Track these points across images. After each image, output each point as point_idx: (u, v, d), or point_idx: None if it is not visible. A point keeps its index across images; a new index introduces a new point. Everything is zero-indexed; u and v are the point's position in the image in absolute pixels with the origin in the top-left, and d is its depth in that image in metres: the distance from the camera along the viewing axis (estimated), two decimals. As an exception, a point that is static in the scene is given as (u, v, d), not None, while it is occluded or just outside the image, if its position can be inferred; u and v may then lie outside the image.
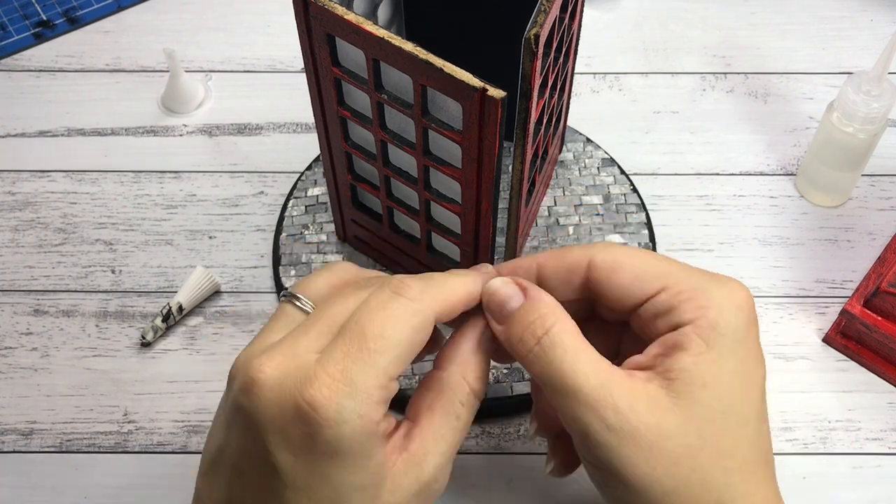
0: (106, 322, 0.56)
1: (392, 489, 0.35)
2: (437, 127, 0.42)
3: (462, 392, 0.37)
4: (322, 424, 0.33)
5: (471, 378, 0.38)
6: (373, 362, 0.33)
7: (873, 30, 0.71)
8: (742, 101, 0.67)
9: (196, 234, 0.60)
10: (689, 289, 0.37)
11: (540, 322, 0.36)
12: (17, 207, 0.61)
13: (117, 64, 0.69)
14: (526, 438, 0.51)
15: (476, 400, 0.38)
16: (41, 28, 0.71)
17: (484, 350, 0.38)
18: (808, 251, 0.59)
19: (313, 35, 0.42)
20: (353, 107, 0.46)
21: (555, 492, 0.49)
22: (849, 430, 0.51)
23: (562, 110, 0.57)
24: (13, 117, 0.66)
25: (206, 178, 0.63)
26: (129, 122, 0.66)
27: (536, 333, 0.36)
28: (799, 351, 0.55)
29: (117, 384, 0.53)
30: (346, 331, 0.34)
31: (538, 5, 0.39)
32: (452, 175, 0.44)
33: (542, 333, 0.36)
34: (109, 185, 0.62)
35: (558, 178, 0.61)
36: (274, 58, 0.69)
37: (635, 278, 0.38)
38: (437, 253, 0.52)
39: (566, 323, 0.37)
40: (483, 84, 0.38)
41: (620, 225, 0.58)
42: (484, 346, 0.38)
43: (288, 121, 0.66)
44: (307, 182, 0.61)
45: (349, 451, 0.33)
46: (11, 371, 0.54)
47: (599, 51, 0.70)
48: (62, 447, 0.51)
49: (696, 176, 0.63)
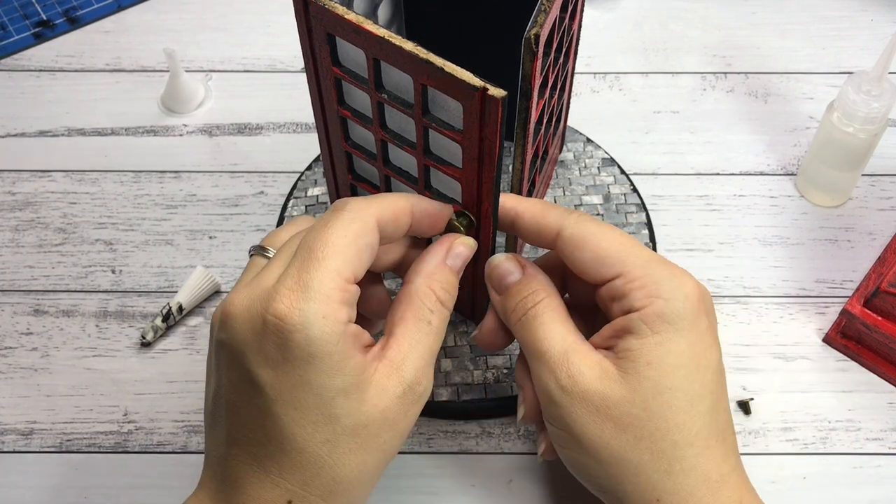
0: (106, 322, 0.56)
1: (377, 392, 0.37)
2: (438, 126, 0.42)
3: (429, 300, 0.39)
4: (290, 331, 0.35)
5: (436, 287, 0.40)
6: (324, 267, 0.36)
7: (873, 30, 0.71)
8: (742, 101, 0.67)
9: (196, 234, 0.60)
10: (642, 276, 0.40)
11: (532, 297, 0.42)
12: (18, 207, 0.61)
13: (117, 64, 0.69)
14: (525, 438, 0.51)
15: (444, 308, 0.40)
16: (41, 28, 0.71)
17: (450, 266, 0.41)
18: (808, 251, 0.59)
19: (313, 35, 0.42)
20: (354, 106, 0.46)
21: (555, 492, 0.49)
22: (849, 430, 0.51)
23: (562, 110, 0.57)
24: (13, 117, 0.66)
25: (206, 178, 0.63)
26: (129, 122, 0.66)
27: (526, 305, 0.41)
28: (799, 351, 0.55)
29: (117, 384, 0.53)
30: (297, 251, 0.37)
31: (538, 5, 0.39)
32: (453, 175, 0.44)
33: (531, 306, 0.41)
34: (109, 185, 0.62)
35: (558, 178, 0.61)
36: (274, 58, 0.69)
37: (595, 260, 0.41)
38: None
39: (553, 300, 0.42)
40: (484, 83, 0.38)
41: (621, 225, 0.58)
42: (450, 262, 0.41)
43: (288, 121, 0.66)
44: (307, 182, 0.61)
45: (321, 352, 0.35)
46: (11, 371, 0.54)
47: (599, 51, 0.70)
48: (62, 447, 0.51)
49: (696, 176, 0.63)
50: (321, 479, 0.37)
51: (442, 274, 0.40)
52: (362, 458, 0.37)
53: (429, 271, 0.40)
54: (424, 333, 0.39)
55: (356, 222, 0.37)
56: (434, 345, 0.39)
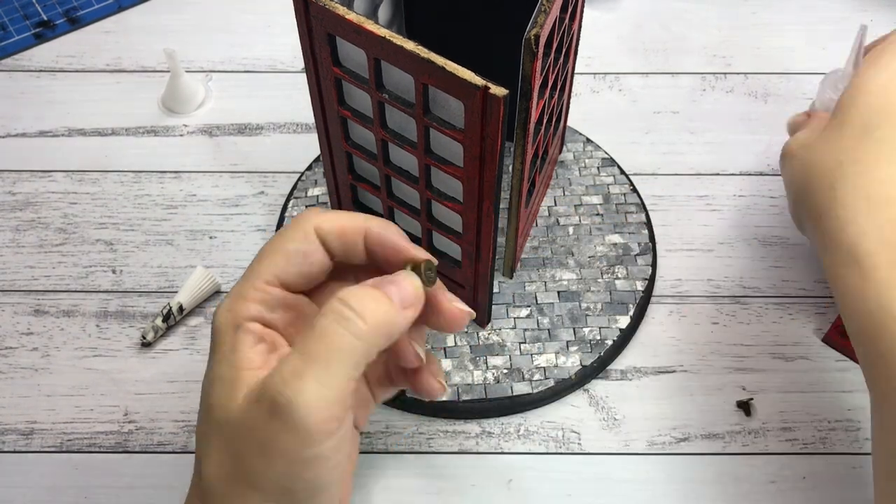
0: (106, 322, 0.56)
1: (247, 391, 0.35)
2: (439, 126, 0.42)
3: (336, 309, 0.36)
4: (212, 325, 0.38)
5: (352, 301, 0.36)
6: (250, 272, 0.38)
7: (873, 30, 0.71)
8: (742, 101, 0.67)
9: (196, 234, 0.60)
10: None
11: None
12: (18, 207, 0.61)
13: (117, 64, 0.69)
14: (525, 438, 0.51)
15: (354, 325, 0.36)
16: (42, 28, 0.71)
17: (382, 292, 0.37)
18: (808, 251, 0.59)
19: (314, 35, 0.42)
20: (354, 106, 0.46)
21: (555, 492, 0.49)
22: (848, 430, 0.51)
23: (562, 110, 0.57)
24: (13, 117, 0.66)
25: (206, 178, 0.63)
26: (130, 122, 0.66)
27: None
28: (799, 351, 0.55)
29: (117, 384, 0.53)
30: None
31: (538, 5, 0.40)
32: (454, 174, 0.44)
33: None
34: (110, 185, 0.62)
35: (558, 178, 0.61)
36: (274, 58, 0.69)
37: None
38: (437, 252, 0.52)
39: None
40: (485, 82, 0.38)
41: (620, 225, 0.58)
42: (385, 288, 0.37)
43: (288, 121, 0.66)
44: (307, 182, 0.61)
45: (216, 341, 0.37)
46: (12, 371, 0.54)
47: (599, 51, 0.70)
48: (62, 447, 0.51)
49: (696, 176, 0.63)
50: (199, 476, 0.36)
51: (362, 291, 0.36)
52: (220, 458, 0.35)
53: (353, 291, 0.36)
54: (317, 341, 0.34)
55: (290, 229, 0.38)
56: (329, 357, 0.34)
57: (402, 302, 0.36)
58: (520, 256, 0.56)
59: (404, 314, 0.36)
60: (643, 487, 0.50)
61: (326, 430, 0.34)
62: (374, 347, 0.35)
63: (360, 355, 0.34)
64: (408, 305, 0.36)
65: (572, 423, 0.52)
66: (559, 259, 0.57)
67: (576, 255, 0.57)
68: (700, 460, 0.51)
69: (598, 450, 0.51)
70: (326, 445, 0.34)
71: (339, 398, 0.34)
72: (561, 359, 0.53)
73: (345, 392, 0.34)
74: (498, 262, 0.55)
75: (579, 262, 0.57)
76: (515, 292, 0.55)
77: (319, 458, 0.34)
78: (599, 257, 0.57)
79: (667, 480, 0.50)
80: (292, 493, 0.35)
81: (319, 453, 0.34)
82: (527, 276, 0.56)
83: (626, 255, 0.57)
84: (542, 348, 0.53)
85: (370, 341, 0.35)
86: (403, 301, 0.36)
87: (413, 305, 0.37)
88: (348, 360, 0.34)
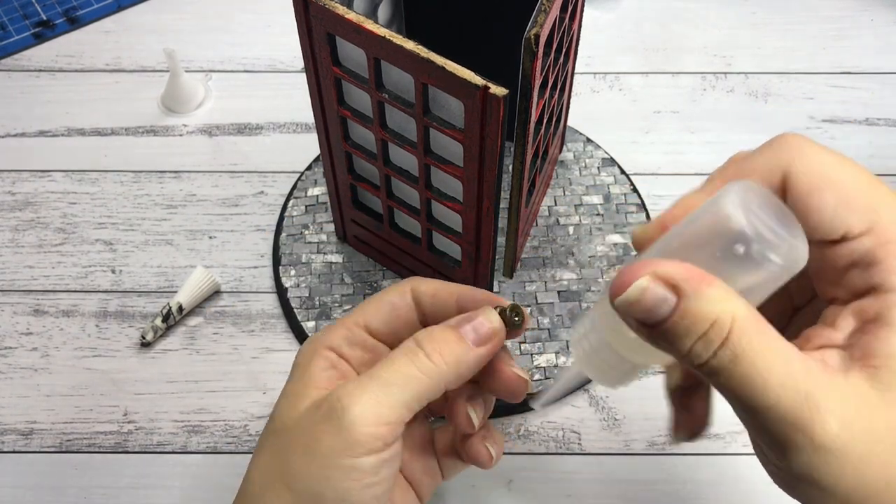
0: (106, 322, 0.56)
1: (308, 402, 0.36)
2: (439, 125, 0.42)
3: (411, 349, 0.37)
4: None
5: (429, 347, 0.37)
6: (345, 317, 0.40)
7: (873, 29, 0.71)
8: (742, 101, 0.67)
9: (196, 234, 0.60)
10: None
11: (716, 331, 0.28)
12: (17, 207, 0.61)
13: (117, 64, 0.69)
14: (525, 438, 0.51)
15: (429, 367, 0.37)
16: (41, 28, 0.71)
17: (462, 334, 0.37)
18: (809, 251, 0.59)
19: (313, 34, 0.42)
20: (354, 106, 0.46)
21: (555, 492, 0.49)
22: (849, 430, 0.51)
23: (562, 110, 0.57)
24: (13, 117, 0.66)
25: (206, 178, 0.62)
26: (129, 122, 0.66)
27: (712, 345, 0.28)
28: (799, 351, 0.54)
29: (117, 384, 0.53)
30: None
31: (538, 5, 0.40)
32: (454, 173, 0.44)
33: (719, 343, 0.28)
34: (109, 185, 0.62)
35: (558, 178, 0.61)
36: (274, 58, 0.69)
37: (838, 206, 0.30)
38: (437, 252, 0.52)
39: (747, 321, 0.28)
40: (485, 82, 0.38)
41: (620, 225, 0.58)
42: (464, 330, 0.37)
43: (288, 121, 0.66)
44: (307, 182, 0.61)
45: (294, 363, 0.39)
46: (11, 371, 0.54)
47: (599, 51, 0.70)
48: (62, 447, 0.51)
49: (696, 176, 0.63)
50: (243, 479, 0.37)
51: (436, 330, 0.37)
52: (267, 460, 0.36)
53: (429, 330, 0.37)
54: (384, 367, 0.36)
55: (392, 286, 0.40)
56: (397, 384, 0.35)
57: (476, 339, 0.36)
58: (520, 256, 0.56)
59: (476, 352, 0.36)
60: (643, 487, 0.50)
61: (369, 445, 0.34)
62: (440, 382, 0.36)
63: (424, 388, 0.35)
64: (482, 343, 0.36)
65: (572, 424, 0.52)
66: (559, 259, 0.57)
67: (576, 255, 0.57)
68: (700, 460, 0.50)
69: (599, 450, 0.51)
70: (366, 460, 0.34)
71: (391, 420, 0.34)
72: (561, 359, 0.53)
73: (398, 416, 0.35)
74: (498, 262, 0.55)
75: (579, 261, 0.57)
76: (515, 292, 0.55)
77: (355, 470, 0.34)
78: (600, 257, 0.57)
79: (667, 480, 0.50)
80: (321, 502, 0.35)
81: (357, 465, 0.34)
82: (527, 276, 0.56)
83: (627, 255, 0.57)
84: (542, 348, 0.53)
85: (435, 377, 0.36)
86: (478, 338, 0.36)
87: (488, 343, 0.37)
88: (409, 389, 0.35)
